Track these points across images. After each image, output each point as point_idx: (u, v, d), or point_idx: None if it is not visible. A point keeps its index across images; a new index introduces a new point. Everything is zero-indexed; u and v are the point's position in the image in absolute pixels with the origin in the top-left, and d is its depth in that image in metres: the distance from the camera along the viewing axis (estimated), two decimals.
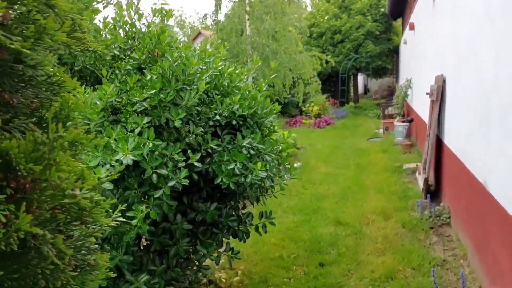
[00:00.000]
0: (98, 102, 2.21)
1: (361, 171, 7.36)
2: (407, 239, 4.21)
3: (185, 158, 2.36)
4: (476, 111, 3.57)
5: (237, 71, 3.13)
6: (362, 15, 18.70)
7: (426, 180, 5.31)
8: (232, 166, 2.48)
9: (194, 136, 2.51)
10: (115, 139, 2.14)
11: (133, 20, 3.01)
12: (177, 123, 2.32)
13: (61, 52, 2.48)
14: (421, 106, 8.35)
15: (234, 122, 2.79)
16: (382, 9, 18.57)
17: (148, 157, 2.20)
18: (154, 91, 2.36)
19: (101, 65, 2.68)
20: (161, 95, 2.36)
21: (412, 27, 10.31)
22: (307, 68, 12.26)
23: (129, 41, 2.95)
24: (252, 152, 2.65)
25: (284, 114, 17.56)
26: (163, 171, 2.23)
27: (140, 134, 2.34)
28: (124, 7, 5.15)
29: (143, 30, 3.02)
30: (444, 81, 5.23)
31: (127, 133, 2.24)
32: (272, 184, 2.84)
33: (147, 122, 2.36)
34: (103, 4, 5.23)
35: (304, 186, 6.59)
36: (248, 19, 11.37)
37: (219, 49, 3.45)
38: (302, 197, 6.03)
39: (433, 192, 5.53)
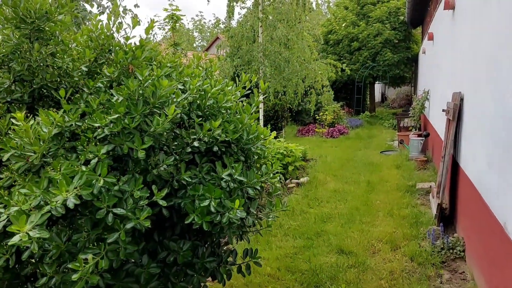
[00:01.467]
0: (45, 130, 1.91)
1: (371, 189, 6.94)
2: (415, 276, 3.80)
3: (149, 195, 2.04)
4: (496, 139, 3.16)
5: (228, 88, 2.81)
6: (381, 23, 18.22)
7: (439, 206, 4.87)
8: (206, 203, 2.15)
9: (165, 166, 2.19)
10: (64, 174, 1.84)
11: (111, 32, 2.72)
12: (141, 154, 2.00)
13: (17, 68, 2.20)
14: (438, 121, 7.89)
15: (215, 149, 2.46)
16: (402, 17, 18.05)
17: (103, 194, 1.89)
18: (117, 115, 2.05)
19: (67, 83, 2.39)
20: (125, 121, 2.05)
21: (431, 37, 9.85)
22: (319, 77, 11.86)
23: (105, 54, 2.66)
24: (232, 185, 2.31)
25: (297, 122, 17.19)
26: (120, 211, 1.92)
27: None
28: (122, 14, 4.85)
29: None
30: (461, 100, 4.80)
31: (80, 165, 1.94)
32: (256, 221, 2.49)
33: (108, 152, 2.05)
34: (98, 10, 4.98)
35: (309, 204, 6.22)
36: (260, 26, 11.06)
37: (212, 63, 3.15)
38: (306, 217, 5.65)
39: (447, 217, 5.09)
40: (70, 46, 2.47)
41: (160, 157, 2.20)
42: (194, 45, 40.29)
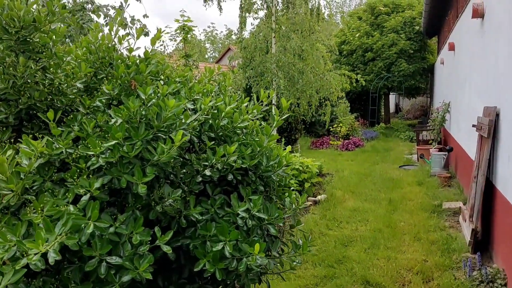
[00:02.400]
0: (25, 162, 1.58)
1: (393, 209, 6.50)
2: None
3: (151, 238, 1.69)
4: None
5: (244, 104, 2.47)
6: (396, 33, 17.84)
7: (474, 231, 4.44)
8: (219, 246, 1.79)
9: (170, 201, 1.85)
10: (47, 216, 1.50)
11: (113, 43, 2.40)
12: (141, 189, 1.66)
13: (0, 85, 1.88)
14: (464, 135, 7.44)
15: (230, 177, 2.11)
16: (417, 27, 17.65)
17: (94, 240, 1.54)
18: (114, 141, 1.71)
19: (59, 102, 2.07)
20: (124, 148, 1.71)
21: (452, 47, 9.44)
22: (334, 88, 11.49)
23: (106, 69, 2.34)
24: (250, 223, 1.95)
25: (311, 134, 16.79)
26: (116, 260, 1.57)
27: (93, 199, 1.70)
28: (130, 25, 4.56)
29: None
30: (497, 115, 4.39)
31: (68, 203, 1.60)
32: (277, 265, 2.12)
33: (103, 185, 1.72)
34: (105, 21, 4.71)
35: (328, 226, 5.81)
36: (274, 37, 10.78)
37: (226, 78, 2.82)
38: (326, 241, 5.25)
39: (480, 242, 4.65)
40: (64, 59, 2.15)
41: (165, 190, 1.85)
42: (206, 56, 40.33)
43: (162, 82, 2.39)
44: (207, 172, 2.02)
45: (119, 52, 2.43)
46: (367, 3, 20.38)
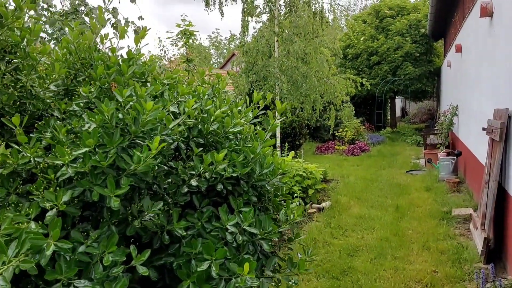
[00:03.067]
0: None
1: (401, 216, 6.26)
2: None
3: (125, 258, 1.50)
4: None
5: (238, 108, 2.28)
6: (401, 36, 17.62)
7: (486, 240, 4.20)
8: (205, 265, 1.60)
9: (150, 215, 1.66)
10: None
11: (94, 43, 2.23)
12: (114, 203, 1.47)
13: None
14: (473, 139, 7.20)
15: (219, 187, 1.92)
16: (423, 30, 17.42)
17: (58, 262, 1.36)
18: (85, 149, 1.53)
19: (31, 106, 1.89)
20: (96, 156, 1.52)
21: (459, 49, 9.21)
22: (338, 92, 11.27)
23: (87, 70, 2.17)
24: (240, 238, 1.76)
25: (316, 139, 16.57)
26: (84, 284, 1.38)
27: (63, 216, 1.52)
28: (131, 27, 4.39)
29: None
30: (509, 118, 4.17)
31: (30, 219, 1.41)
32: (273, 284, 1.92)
33: (74, 198, 1.53)
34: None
35: (332, 234, 5.59)
36: (276, 41, 10.60)
37: (220, 80, 2.65)
38: (330, 250, 5.03)
39: (493, 251, 4.40)
40: (39, 60, 1.97)
41: (144, 203, 1.66)
42: (211, 62, 40.33)
43: (149, 84, 2.23)
44: (193, 182, 1.84)
45: (101, 52, 2.26)
46: (371, 6, 20.20)
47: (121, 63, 2.09)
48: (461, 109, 9.28)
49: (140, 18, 5.00)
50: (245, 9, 10.87)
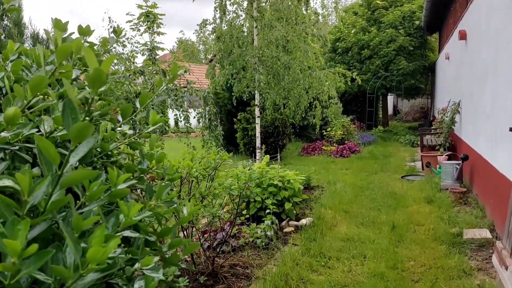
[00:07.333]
0: None
1: (398, 239, 4.99)
2: None
3: None
4: None
5: None
6: (394, 29, 16.41)
7: None
8: None
9: None
10: None
11: None
12: None
13: None
14: (484, 141, 5.96)
15: None
16: (417, 22, 16.22)
17: None
18: None
19: None
20: None
21: (463, 36, 7.98)
22: (325, 86, 9.98)
23: None
24: None
25: (302, 138, 15.29)
26: None
27: None
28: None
29: None
30: None
31: None
32: None
33: None
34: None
35: (312, 266, 4.28)
36: (255, 27, 9.26)
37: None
38: None
39: None
40: None
41: None
42: (199, 58, 38.82)
43: None
44: None
45: None
46: None
47: None
48: (465, 106, 8.05)
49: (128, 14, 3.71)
50: None
